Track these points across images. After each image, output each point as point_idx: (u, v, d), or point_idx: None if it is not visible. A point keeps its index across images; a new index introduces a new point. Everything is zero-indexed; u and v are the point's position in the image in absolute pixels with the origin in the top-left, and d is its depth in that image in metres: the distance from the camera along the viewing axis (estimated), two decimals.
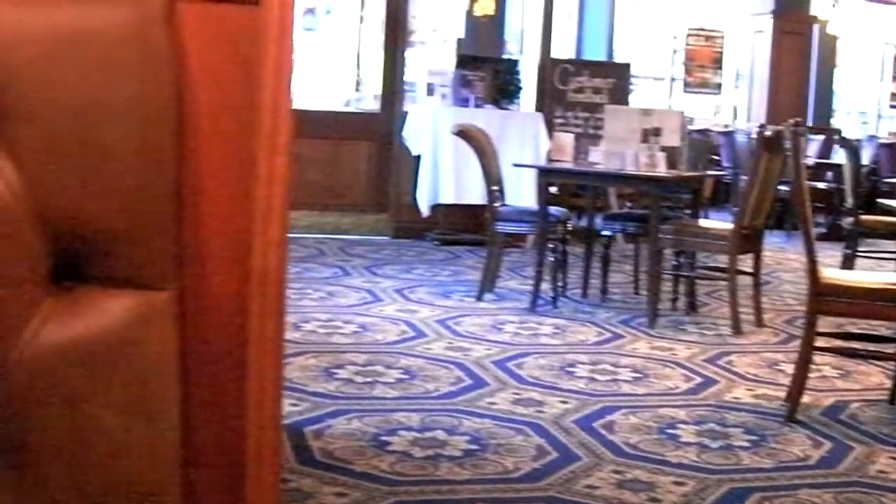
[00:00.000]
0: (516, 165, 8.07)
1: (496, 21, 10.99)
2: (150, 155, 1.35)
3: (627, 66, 11.57)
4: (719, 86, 16.78)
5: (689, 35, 16.60)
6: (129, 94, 1.35)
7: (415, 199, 9.87)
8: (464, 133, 7.37)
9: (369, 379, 5.08)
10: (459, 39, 10.89)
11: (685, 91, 16.64)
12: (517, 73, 10.64)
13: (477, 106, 10.07)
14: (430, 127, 9.75)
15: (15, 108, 1.31)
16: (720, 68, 16.69)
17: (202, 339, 1.48)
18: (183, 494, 1.40)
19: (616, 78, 10.96)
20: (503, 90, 10.37)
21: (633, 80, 12.12)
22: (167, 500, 1.38)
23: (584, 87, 10.76)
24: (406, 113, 10.25)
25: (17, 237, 1.31)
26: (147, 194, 1.35)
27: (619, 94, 10.78)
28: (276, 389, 1.54)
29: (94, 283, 1.36)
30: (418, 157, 9.85)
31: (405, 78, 10.71)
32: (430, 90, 10.47)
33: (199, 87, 1.46)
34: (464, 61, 10.43)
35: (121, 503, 1.36)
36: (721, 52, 16.66)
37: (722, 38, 16.66)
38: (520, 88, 10.58)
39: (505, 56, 11.13)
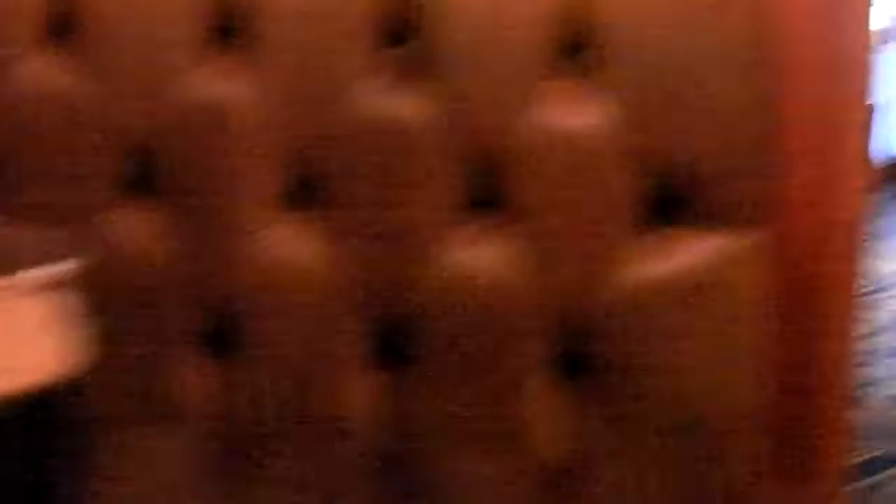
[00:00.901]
0: None
1: None
2: (750, 98, 1.37)
3: None
4: None
5: None
6: (731, 38, 1.37)
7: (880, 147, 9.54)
8: None
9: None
10: None
11: None
12: None
13: None
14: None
15: (617, 49, 1.36)
16: None
17: (777, 284, 1.48)
18: (758, 431, 1.42)
19: None
20: None
21: None
22: (744, 438, 1.41)
23: None
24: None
25: (617, 174, 1.37)
26: (745, 136, 1.37)
27: None
28: (849, 338, 1.52)
29: (684, 223, 1.39)
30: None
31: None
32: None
33: (787, 30, 1.46)
34: None
35: (702, 436, 1.40)
36: None
37: None
38: None
39: None
